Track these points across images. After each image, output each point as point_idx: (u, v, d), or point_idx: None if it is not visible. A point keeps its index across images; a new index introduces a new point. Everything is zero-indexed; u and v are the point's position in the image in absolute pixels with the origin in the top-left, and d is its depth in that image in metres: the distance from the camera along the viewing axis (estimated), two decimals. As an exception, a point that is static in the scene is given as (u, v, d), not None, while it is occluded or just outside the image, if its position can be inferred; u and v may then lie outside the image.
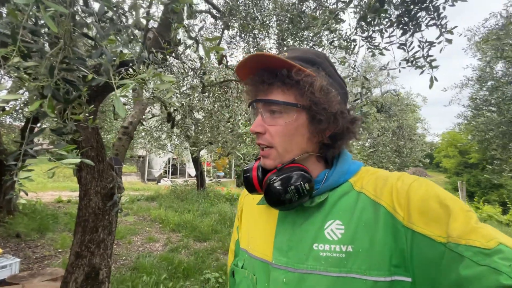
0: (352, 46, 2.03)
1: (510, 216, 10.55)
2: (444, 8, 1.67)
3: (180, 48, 3.28)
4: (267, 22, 3.05)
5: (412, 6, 1.75)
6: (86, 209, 2.38)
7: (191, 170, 17.54)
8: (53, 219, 5.82)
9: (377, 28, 1.80)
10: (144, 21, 2.21)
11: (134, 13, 1.12)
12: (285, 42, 2.86)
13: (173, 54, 2.73)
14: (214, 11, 3.51)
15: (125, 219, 5.36)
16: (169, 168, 17.73)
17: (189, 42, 3.53)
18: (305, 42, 2.59)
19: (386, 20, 1.88)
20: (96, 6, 1.06)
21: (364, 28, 1.83)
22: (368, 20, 1.65)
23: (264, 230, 0.64)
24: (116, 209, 2.02)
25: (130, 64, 1.76)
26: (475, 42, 4.51)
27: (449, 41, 1.70)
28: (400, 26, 1.72)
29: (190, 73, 3.16)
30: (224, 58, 3.46)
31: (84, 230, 2.36)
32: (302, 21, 2.36)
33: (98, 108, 2.29)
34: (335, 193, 0.58)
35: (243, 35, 3.16)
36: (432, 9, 1.70)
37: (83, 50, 1.01)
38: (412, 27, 1.79)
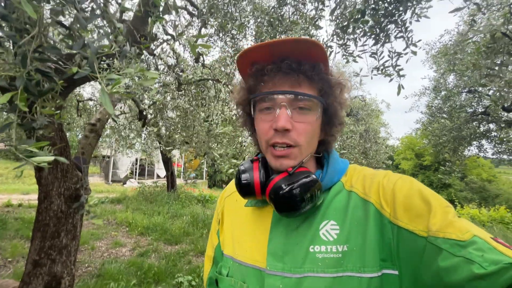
0: (328, 53, 2.13)
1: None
2: (410, 22, 1.83)
3: (155, 44, 3.16)
4: (246, 23, 3.06)
5: (382, 19, 1.89)
6: (46, 213, 2.18)
7: (160, 171, 16.84)
8: (1, 225, 5.20)
9: (352, 36, 1.92)
10: (117, 13, 2.09)
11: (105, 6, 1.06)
12: (263, 44, 2.89)
13: (146, 51, 2.62)
14: (191, 8, 3.44)
15: (92, 222, 4.97)
16: (136, 169, 16.84)
17: (165, 37, 3.42)
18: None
19: (360, 30, 2.01)
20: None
21: (340, 36, 1.94)
22: (345, 29, 1.75)
23: (254, 234, 0.61)
24: (82, 211, 1.87)
25: (104, 58, 1.66)
26: (432, 55, 5.02)
27: (414, 52, 1.87)
28: (373, 36, 1.85)
29: (164, 70, 3.06)
30: (201, 56, 3.41)
31: (44, 235, 2.15)
32: (280, 25, 2.41)
33: (64, 103, 2.11)
34: (329, 194, 0.58)
35: (221, 34, 3.14)
36: (400, 23, 1.85)
37: (57, 39, 0.94)
38: (383, 38, 1.93)
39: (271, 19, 2.29)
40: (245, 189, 0.59)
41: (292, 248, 0.55)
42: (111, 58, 1.51)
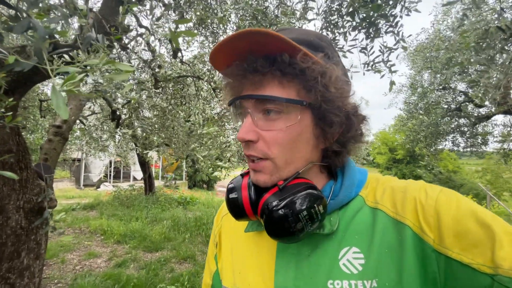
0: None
1: None
2: (401, 17, 1.78)
3: (128, 37, 2.89)
4: (227, 16, 2.90)
5: (372, 13, 1.82)
6: (2, 230, 1.89)
7: (136, 173, 16.09)
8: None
9: (341, 30, 1.83)
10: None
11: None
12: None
13: (118, 44, 2.37)
14: (166, 0, 3.20)
15: (60, 240, 4.51)
16: (110, 172, 15.96)
17: (139, 31, 3.15)
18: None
19: (349, 24, 1.93)
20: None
21: (329, 29, 1.85)
22: (336, 23, 1.66)
23: (258, 264, 0.51)
24: (46, 229, 1.63)
25: (66, 49, 1.42)
26: (408, 53, 5.17)
27: (405, 48, 1.82)
28: (363, 30, 1.78)
29: (139, 66, 2.81)
30: (179, 52, 3.18)
31: (1, 257, 1.86)
32: (265, 18, 2.28)
33: (19, 103, 1.83)
34: (346, 212, 0.48)
35: (201, 28, 2.94)
36: (390, 17, 1.79)
37: (-2, 21, 0.73)
38: (373, 33, 1.86)
39: (255, 12, 2.15)
40: (235, 210, 0.50)
41: (305, 282, 0.45)
42: (75, 50, 1.29)
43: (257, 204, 0.47)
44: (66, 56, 1.27)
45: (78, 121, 4.82)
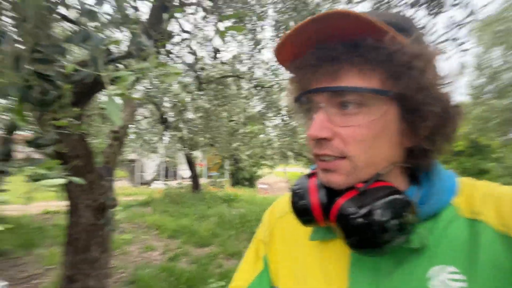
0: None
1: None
2: (472, -16, 1.51)
3: (171, 43, 3.03)
4: (265, 12, 2.84)
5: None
6: (76, 226, 2.13)
7: (183, 171, 17.18)
8: (40, 233, 5.44)
9: (397, 10, 1.63)
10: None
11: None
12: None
13: (164, 50, 2.49)
14: (206, 3, 3.27)
15: (121, 238, 5.01)
16: (161, 171, 17.33)
17: (179, 38, 3.28)
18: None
19: (404, 2, 1.71)
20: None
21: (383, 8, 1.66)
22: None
23: (324, 277, 0.45)
24: (110, 228, 1.78)
25: (121, 55, 1.51)
26: (472, 29, 4.48)
27: (479, 21, 1.54)
28: (425, 5, 1.55)
29: (183, 70, 2.92)
30: (219, 52, 3.23)
31: (76, 249, 2.10)
32: (306, 8, 2.16)
33: (83, 112, 2.03)
34: (435, 224, 0.40)
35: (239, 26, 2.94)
36: (458, -13, 1.53)
37: (60, 36, 0.78)
38: (435, 8, 1.62)
39: (295, 2, 2.05)
40: (303, 216, 0.44)
41: None
42: (126, 59, 1.35)
43: (328, 209, 0.41)
44: (121, 65, 1.34)
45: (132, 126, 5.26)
